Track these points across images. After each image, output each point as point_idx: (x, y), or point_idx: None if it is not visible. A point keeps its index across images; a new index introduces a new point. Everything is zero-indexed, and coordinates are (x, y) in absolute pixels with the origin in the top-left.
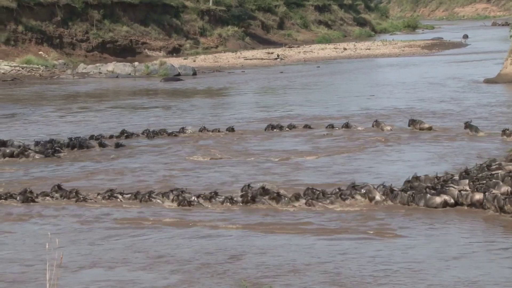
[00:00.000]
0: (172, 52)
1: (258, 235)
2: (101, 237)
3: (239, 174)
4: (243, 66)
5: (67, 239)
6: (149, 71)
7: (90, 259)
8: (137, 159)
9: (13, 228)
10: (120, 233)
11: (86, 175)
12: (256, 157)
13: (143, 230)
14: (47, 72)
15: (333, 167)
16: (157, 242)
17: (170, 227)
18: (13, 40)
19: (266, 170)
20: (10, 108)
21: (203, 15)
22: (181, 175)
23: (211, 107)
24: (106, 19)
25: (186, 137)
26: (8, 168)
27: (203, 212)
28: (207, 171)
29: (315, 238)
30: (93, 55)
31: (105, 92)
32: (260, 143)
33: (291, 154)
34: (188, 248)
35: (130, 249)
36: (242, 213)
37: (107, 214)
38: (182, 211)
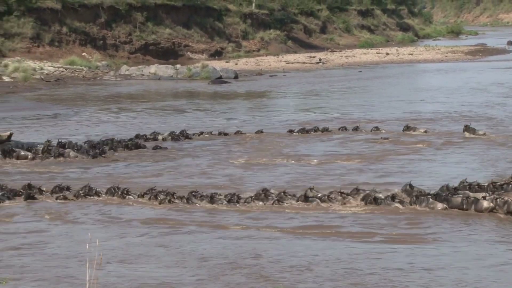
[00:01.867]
0: (214, 55)
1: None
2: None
3: (307, 175)
4: (284, 69)
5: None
6: (191, 73)
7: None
8: (186, 160)
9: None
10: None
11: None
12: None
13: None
14: (90, 73)
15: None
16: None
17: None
18: (57, 41)
19: (327, 172)
20: (53, 108)
21: (246, 18)
22: (244, 176)
23: (254, 109)
24: (149, 22)
25: (201, 139)
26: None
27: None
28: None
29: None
30: (136, 57)
31: (147, 93)
32: (308, 147)
33: (340, 157)
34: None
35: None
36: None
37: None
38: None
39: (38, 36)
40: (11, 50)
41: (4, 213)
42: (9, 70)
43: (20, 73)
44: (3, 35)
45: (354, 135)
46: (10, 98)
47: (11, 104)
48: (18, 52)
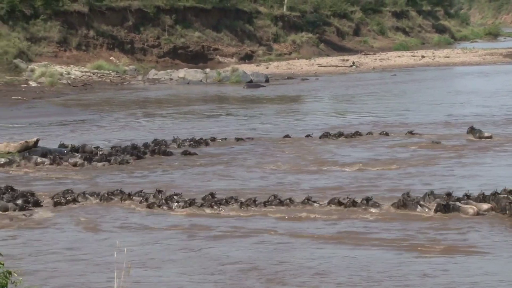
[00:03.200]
0: (245, 59)
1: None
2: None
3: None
4: (316, 73)
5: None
6: (220, 77)
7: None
8: (211, 167)
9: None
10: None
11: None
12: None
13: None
14: (118, 78)
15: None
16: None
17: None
18: (84, 45)
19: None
20: (80, 114)
21: (277, 21)
22: (299, 182)
23: (287, 114)
24: (178, 25)
25: (223, 144)
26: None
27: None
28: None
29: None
30: (165, 61)
31: (176, 98)
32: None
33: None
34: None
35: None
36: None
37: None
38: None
39: (65, 40)
40: (37, 55)
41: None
42: (35, 75)
43: (47, 78)
44: (30, 39)
45: (402, 139)
46: (37, 104)
47: (38, 109)
48: (45, 56)
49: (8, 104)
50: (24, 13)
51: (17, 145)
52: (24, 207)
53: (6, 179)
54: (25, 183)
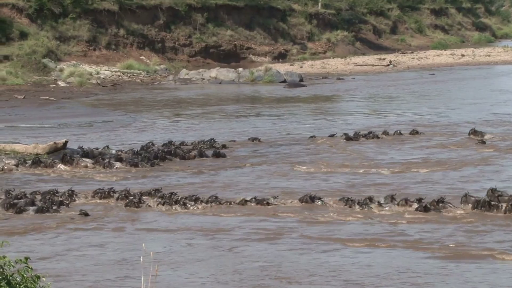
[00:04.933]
0: (278, 58)
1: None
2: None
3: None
4: (351, 72)
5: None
6: (253, 77)
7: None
8: (253, 168)
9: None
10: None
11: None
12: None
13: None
14: (148, 77)
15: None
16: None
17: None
18: (114, 44)
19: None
20: (110, 114)
21: (311, 18)
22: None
23: (325, 113)
24: (209, 23)
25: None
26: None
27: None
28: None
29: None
30: (196, 60)
31: (208, 98)
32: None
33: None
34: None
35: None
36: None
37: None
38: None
39: (94, 39)
40: (66, 54)
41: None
42: (64, 74)
43: (76, 78)
44: (58, 38)
45: (445, 139)
46: (65, 104)
47: (66, 110)
48: (74, 56)
49: (37, 104)
50: (53, 12)
51: (45, 146)
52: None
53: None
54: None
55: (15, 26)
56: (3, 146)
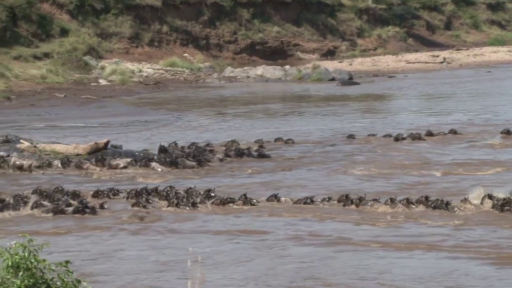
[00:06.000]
0: (326, 55)
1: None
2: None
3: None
4: (403, 70)
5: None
6: (301, 75)
7: None
8: (306, 170)
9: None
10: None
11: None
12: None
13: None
14: (192, 75)
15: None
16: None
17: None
18: (157, 41)
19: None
20: (152, 114)
21: (361, 14)
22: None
23: (377, 112)
24: (255, 19)
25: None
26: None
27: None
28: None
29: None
30: (241, 57)
31: (254, 97)
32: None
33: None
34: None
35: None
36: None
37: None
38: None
39: (136, 36)
40: (108, 51)
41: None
42: (106, 72)
43: (117, 76)
44: (100, 35)
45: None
46: (107, 103)
47: (108, 109)
48: (116, 53)
49: (78, 103)
50: (94, 8)
51: (86, 146)
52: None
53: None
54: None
55: (56, 23)
56: (43, 147)
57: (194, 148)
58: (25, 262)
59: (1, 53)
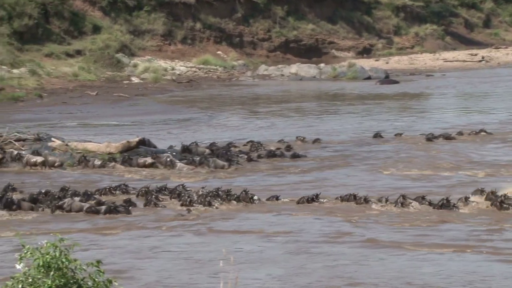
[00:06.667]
0: (362, 53)
1: None
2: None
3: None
4: (441, 68)
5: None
6: (336, 73)
7: None
8: (342, 169)
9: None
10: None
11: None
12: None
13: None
14: (225, 73)
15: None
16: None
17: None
18: (190, 38)
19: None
20: (185, 112)
21: (398, 11)
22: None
23: (417, 111)
24: (290, 16)
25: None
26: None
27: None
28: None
29: None
30: (275, 55)
31: (288, 96)
32: None
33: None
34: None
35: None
36: None
37: None
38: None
39: (169, 33)
40: (140, 49)
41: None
42: (138, 70)
43: (150, 74)
44: (133, 32)
45: None
46: (139, 101)
47: (140, 107)
48: (148, 50)
49: (110, 101)
50: (127, 5)
51: (118, 145)
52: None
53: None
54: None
55: (88, 20)
56: (75, 145)
57: (215, 147)
58: (56, 262)
59: (33, 50)
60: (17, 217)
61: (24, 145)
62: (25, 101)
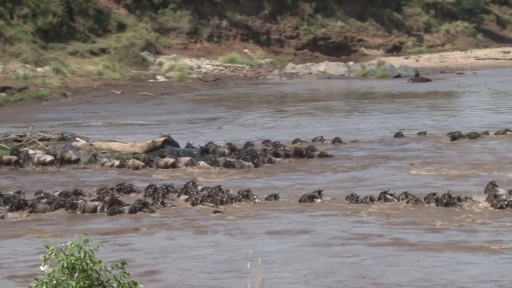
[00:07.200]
0: (392, 51)
1: None
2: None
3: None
4: (472, 66)
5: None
6: (365, 72)
7: None
8: (373, 169)
9: None
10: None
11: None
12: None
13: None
14: (252, 72)
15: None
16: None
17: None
18: (216, 36)
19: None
20: (211, 111)
21: (429, 8)
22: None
23: (449, 110)
24: (318, 13)
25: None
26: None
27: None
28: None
29: None
30: (303, 53)
31: (316, 94)
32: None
33: None
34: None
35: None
36: None
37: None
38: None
39: (195, 31)
40: (166, 47)
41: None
42: (164, 69)
43: (175, 72)
44: (158, 30)
45: None
46: (165, 100)
47: (166, 106)
48: (174, 48)
49: (135, 100)
50: (152, 2)
51: (143, 145)
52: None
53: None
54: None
55: (113, 18)
56: (99, 145)
57: (230, 147)
58: (81, 263)
59: (57, 49)
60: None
61: (48, 145)
62: (49, 100)
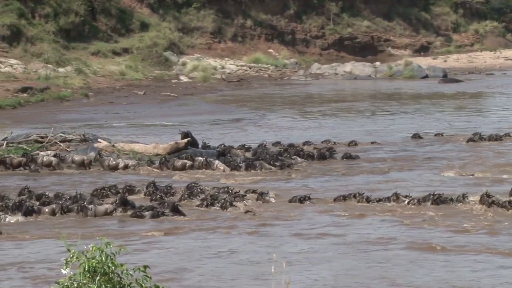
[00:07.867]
0: (419, 51)
1: None
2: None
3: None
4: (501, 67)
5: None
6: (392, 72)
7: None
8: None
9: None
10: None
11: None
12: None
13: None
14: (277, 72)
15: None
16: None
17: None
18: (240, 36)
19: None
20: (235, 112)
21: (457, 7)
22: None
23: (476, 112)
24: (344, 13)
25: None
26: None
27: None
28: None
29: None
30: (329, 53)
31: (342, 95)
32: None
33: None
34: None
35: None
36: None
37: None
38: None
39: (219, 31)
40: (189, 47)
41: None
42: (187, 69)
43: (199, 73)
44: (181, 30)
45: None
46: (188, 101)
47: (189, 107)
48: (197, 48)
49: (158, 101)
50: (176, 1)
51: (166, 146)
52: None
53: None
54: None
55: (136, 17)
56: (122, 146)
57: (245, 149)
58: (102, 267)
59: (79, 49)
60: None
61: (70, 146)
62: (71, 100)
